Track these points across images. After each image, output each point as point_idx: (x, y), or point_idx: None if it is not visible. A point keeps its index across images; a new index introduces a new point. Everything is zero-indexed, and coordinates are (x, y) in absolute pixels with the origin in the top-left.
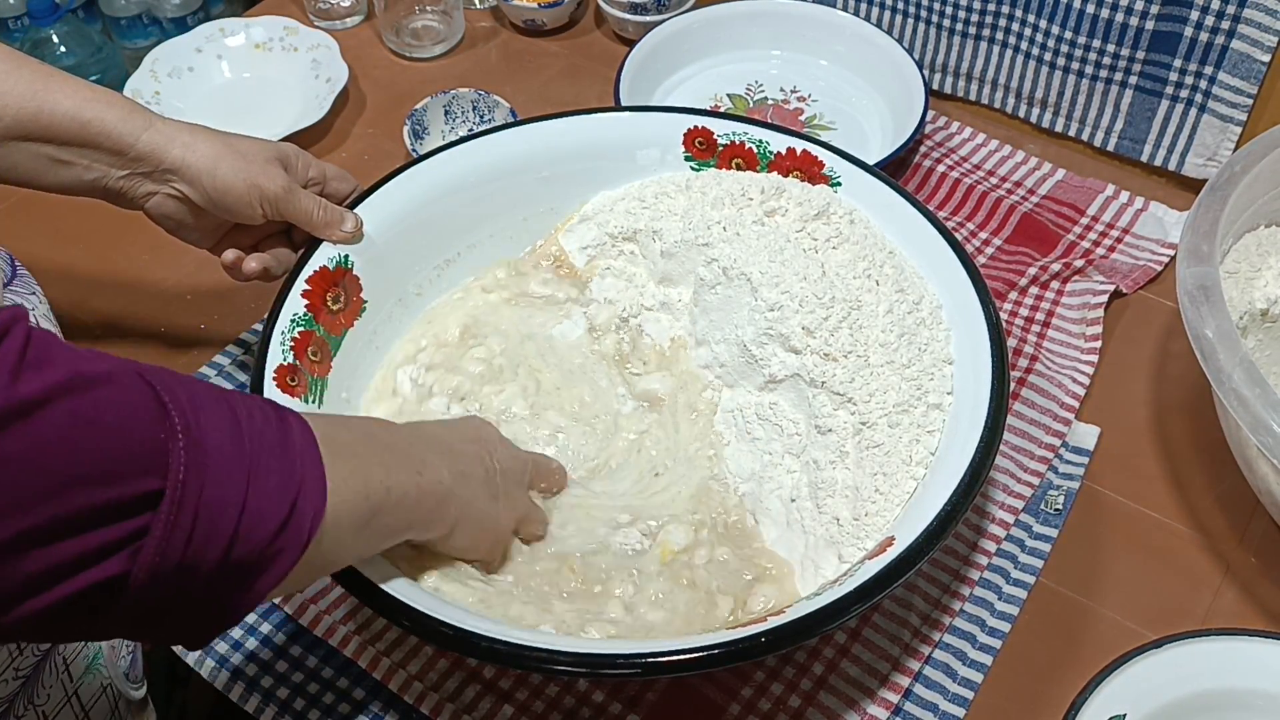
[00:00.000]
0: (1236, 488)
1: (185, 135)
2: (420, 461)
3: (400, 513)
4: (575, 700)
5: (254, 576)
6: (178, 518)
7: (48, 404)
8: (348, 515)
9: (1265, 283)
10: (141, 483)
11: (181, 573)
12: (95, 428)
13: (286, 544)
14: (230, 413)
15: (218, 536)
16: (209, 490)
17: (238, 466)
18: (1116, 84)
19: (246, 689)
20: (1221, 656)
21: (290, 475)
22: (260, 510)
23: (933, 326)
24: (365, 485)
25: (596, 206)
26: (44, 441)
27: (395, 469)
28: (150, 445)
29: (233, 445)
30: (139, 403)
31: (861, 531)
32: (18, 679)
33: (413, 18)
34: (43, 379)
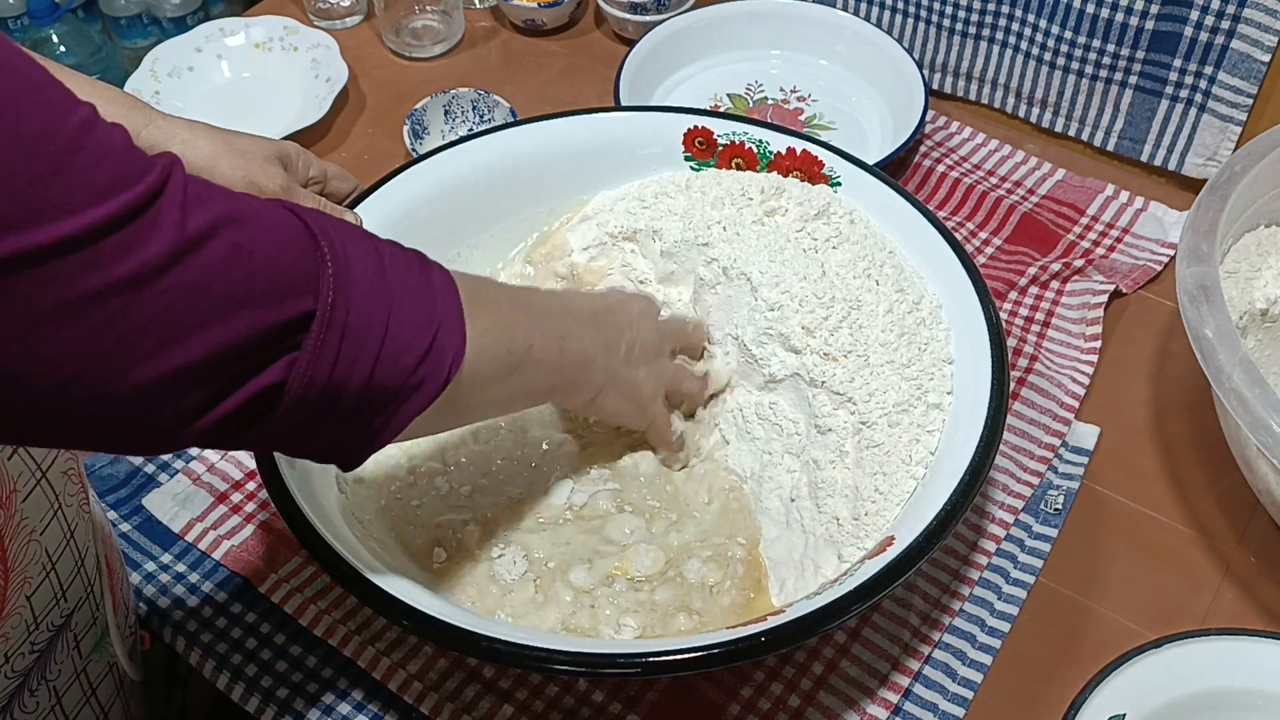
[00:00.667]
0: (1236, 487)
1: (185, 132)
2: (565, 329)
3: (543, 372)
4: (575, 700)
5: (397, 402)
6: (327, 335)
7: (214, 236)
8: (489, 363)
9: (1265, 282)
10: (296, 304)
11: (330, 389)
12: (256, 256)
13: (428, 375)
14: (375, 250)
15: (363, 357)
16: (354, 314)
17: (381, 295)
18: (1116, 84)
19: (246, 688)
20: (1221, 656)
21: (431, 313)
22: (401, 339)
23: (932, 326)
24: (508, 339)
25: (596, 206)
26: (213, 269)
27: (539, 331)
28: (303, 271)
29: (376, 277)
30: (292, 234)
31: (861, 531)
32: (34, 653)
33: (412, 17)
34: (207, 214)
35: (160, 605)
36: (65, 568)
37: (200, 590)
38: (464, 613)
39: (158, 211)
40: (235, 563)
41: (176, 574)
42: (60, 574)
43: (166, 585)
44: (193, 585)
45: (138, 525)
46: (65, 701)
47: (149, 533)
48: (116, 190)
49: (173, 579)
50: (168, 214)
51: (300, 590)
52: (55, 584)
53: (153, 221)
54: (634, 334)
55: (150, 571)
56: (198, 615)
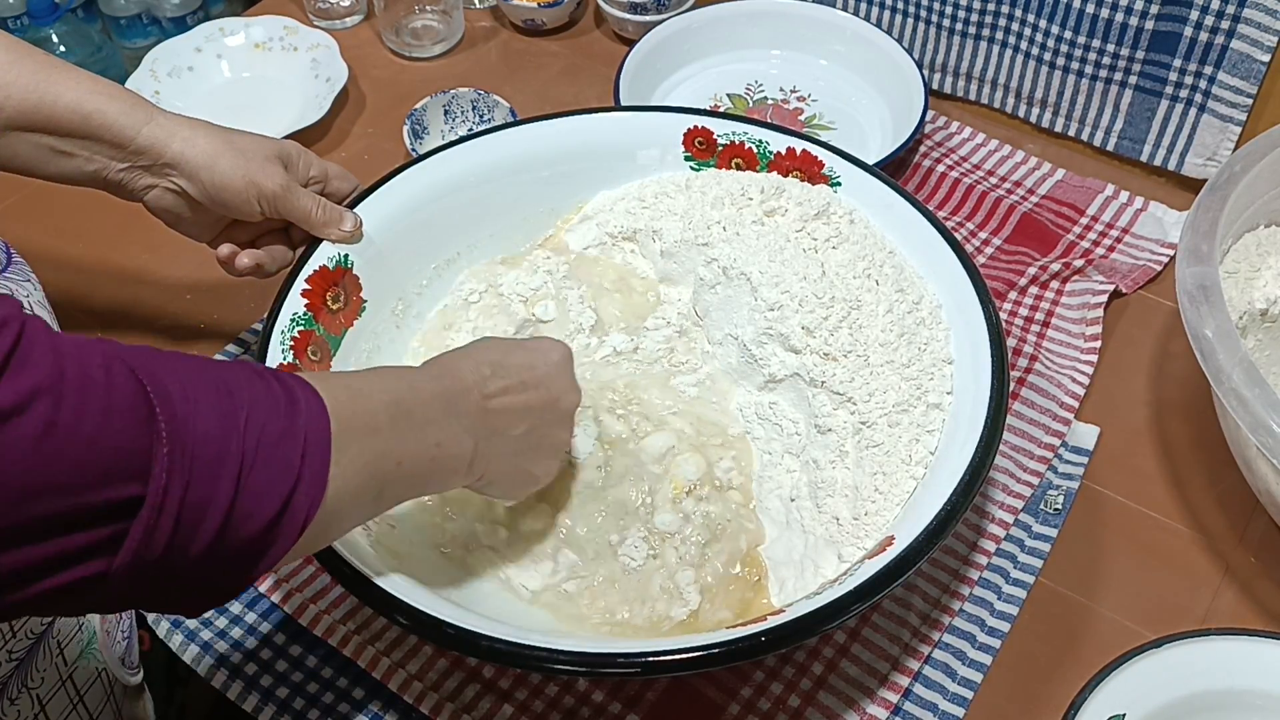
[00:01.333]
0: (1236, 487)
1: (186, 130)
2: (441, 432)
3: (411, 483)
4: (575, 700)
5: (244, 565)
6: (158, 522)
7: (25, 411)
8: (351, 495)
9: (1265, 282)
10: (122, 489)
11: (164, 567)
12: (75, 436)
13: (278, 536)
14: (228, 403)
15: (202, 536)
16: (192, 493)
17: (228, 466)
18: (1116, 84)
19: (245, 688)
20: (1221, 656)
21: (288, 469)
22: (250, 509)
23: (932, 326)
24: (375, 464)
25: (596, 206)
26: (22, 449)
27: (411, 442)
28: (132, 452)
29: (224, 442)
30: (124, 406)
31: (861, 531)
32: (11, 661)
33: (412, 17)
34: (20, 385)
35: None
36: None
37: None
38: (463, 612)
39: None
40: None
41: None
42: None
43: None
44: None
45: None
46: (50, 709)
47: None
48: None
49: None
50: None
51: (300, 590)
52: None
53: None
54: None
55: None
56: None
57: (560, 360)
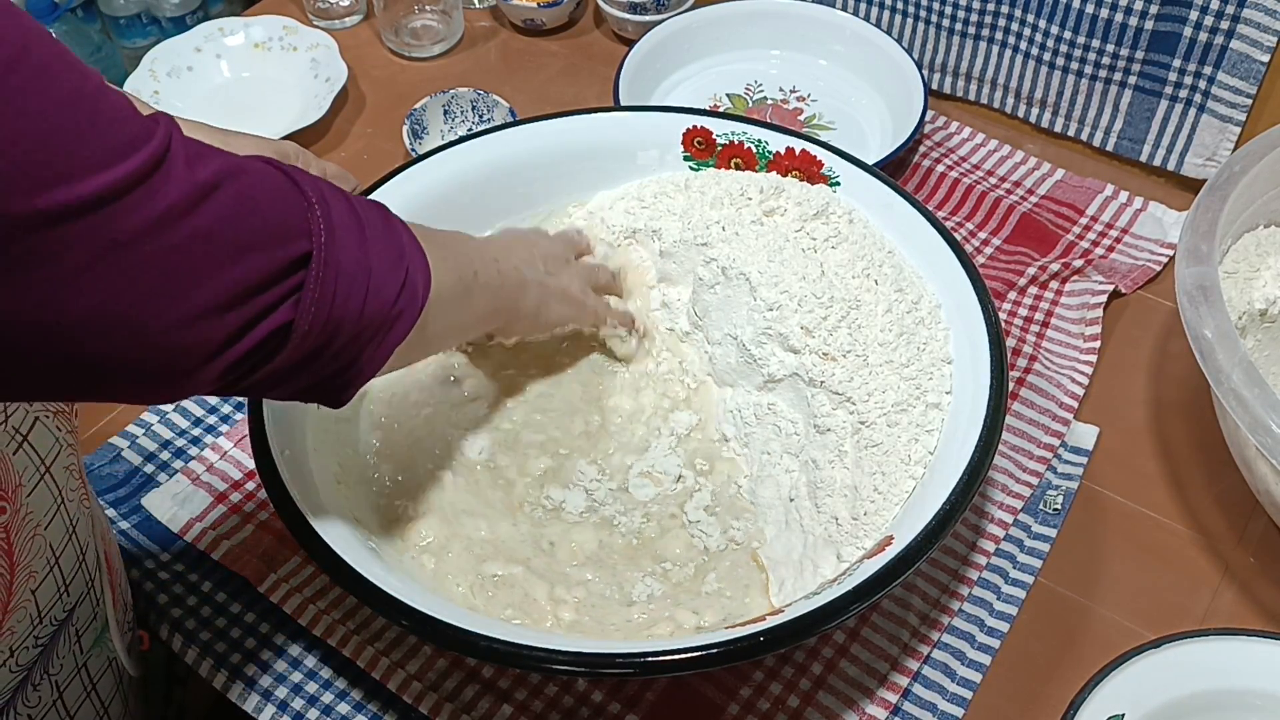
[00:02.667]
0: (1235, 488)
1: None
2: (494, 254)
3: (489, 294)
4: (574, 700)
5: (383, 333)
6: (324, 273)
7: (220, 186)
8: (449, 289)
9: (1264, 283)
10: (296, 245)
11: (330, 324)
12: (257, 203)
13: (405, 306)
14: (344, 196)
15: (355, 291)
16: (343, 253)
17: (360, 237)
18: (1116, 84)
19: (245, 687)
20: (1220, 656)
21: (400, 250)
22: (382, 274)
23: (931, 326)
24: (458, 268)
25: (596, 206)
26: (224, 215)
27: (477, 260)
28: (297, 215)
29: (353, 221)
30: (280, 183)
31: (860, 531)
32: (37, 647)
33: (412, 17)
34: (209, 167)
35: (159, 604)
36: (68, 562)
37: (199, 590)
38: (463, 612)
39: (169, 165)
40: (234, 562)
41: (175, 573)
42: (63, 568)
43: (165, 585)
44: (192, 585)
45: (137, 525)
46: (66, 696)
47: (148, 532)
48: (135, 147)
49: (171, 578)
50: (178, 167)
51: (299, 590)
52: (58, 578)
53: (166, 175)
54: (539, 249)
55: (149, 571)
56: (196, 614)
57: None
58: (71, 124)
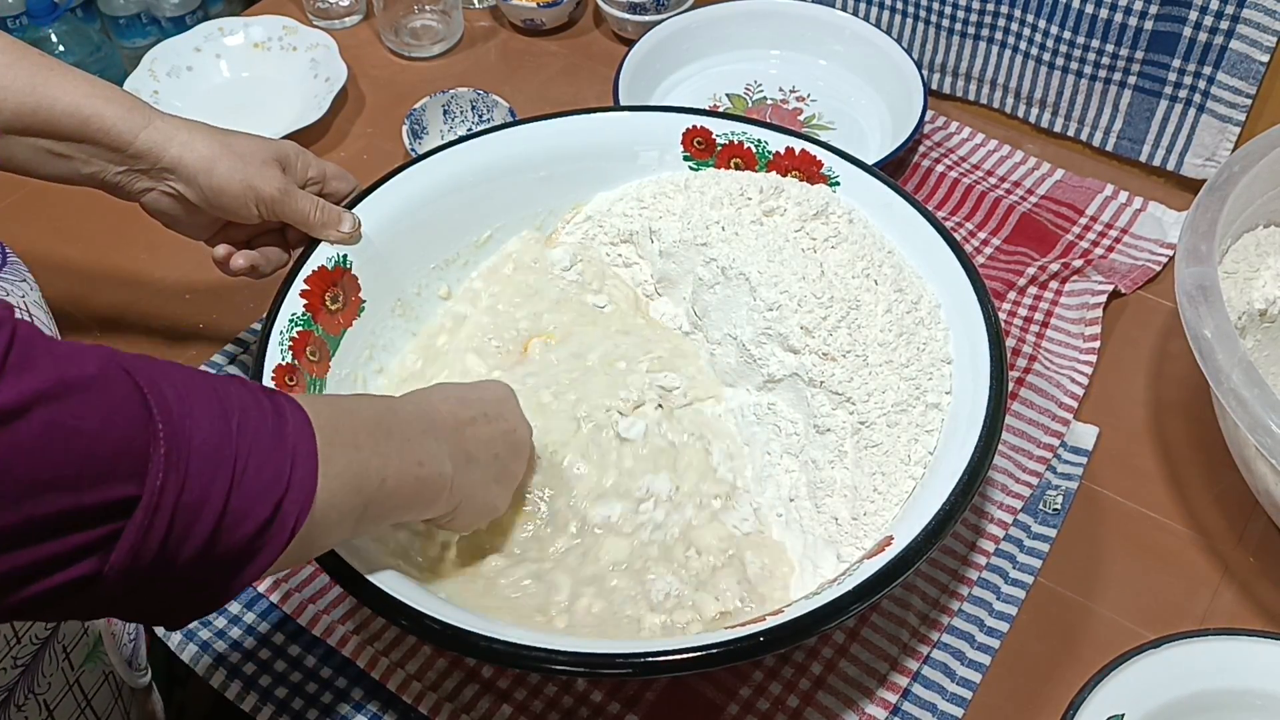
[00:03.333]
0: (1235, 488)
1: (183, 134)
2: (422, 452)
3: (394, 502)
4: (574, 700)
5: (233, 570)
6: (153, 523)
7: (27, 412)
8: (337, 508)
9: (1264, 283)
10: (118, 489)
11: (156, 569)
12: (74, 436)
13: (268, 541)
14: (221, 409)
15: (195, 538)
16: (188, 494)
17: (222, 469)
18: (1115, 84)
19: (244, 687)
20: (1220, 656)
21: (278, 475)
22: (242, 511)
23: (931, 326)
24: (360, 478)
25: (595, 206)
26: (21, 450)
27: (394, 459)
28: (129, 452)
29: (218, 446)
30: (121, 407)
31: (860, 531)
32: (17, 667)
33: (411, 17)
34: (23, 385)
35: None
36: None
37: None
38: (462, 613)
39: None
40: None
41: None
42: None
43: None
44: None
45: None
46: (58, 714)
47: None
48: None
49: None
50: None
51: (299, 589)
52: None
53: None
54: (501, 442)
55: None
56: None
57: (508, 396)
58: None
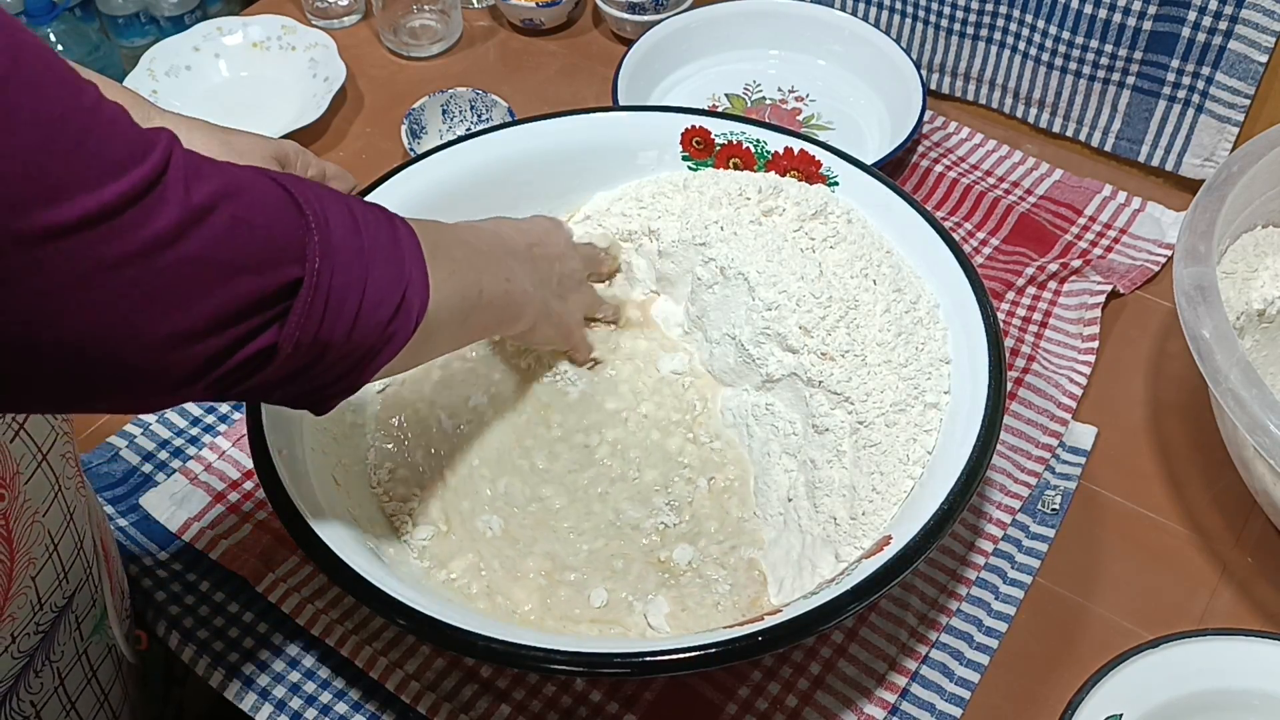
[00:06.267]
0: (1233, 488)
1: (183, 130)
2: (509, 269)
3: (490, 312)
4: (572, 700)
5: (371, 354)
6: (314, 299)
7: (215, 209)
8: (447, 311)
9: (1262, 283)
10: (287, 271)
11: (316, 346)
12: (252, 226)
13: (397, 329)
14: (350, 212)
15: (344, 316)
16: (337, 277)
17: (358, 259)
18: (1114, 84)
19: (243, 687)
20: (1218, 656)
21: (400, 271)
22: (376, 298)
23: (930, 326)
24: (463, 287)
25: (594, 206)
26: (216, 240)
27: (487, 275)
28: (292, 239)
29: (354, 240)
30: (279, 203)
31: (858, 531)
32: (38, 633)
33: (410, 17)
34: (207, 187)
35: (157, 603)
36: (66, 549)
37: (197, 589)
38: (461, 612)
39: (164, 187)
40: (232, 562)
41: (173, 572)
42: (62, 555)
43: (163, 583)
44: (189, 584)
45: (134, 524)
46: (68, 682)
47: (146, 532)
48: (128, 167)
49: (169, 577)
50: (173, 189)
51: (297, 589)
52: (57, 565)
53: (160, 197)
54: (562, 265)
55: (147, 569)
56: (194, 613)
57: (558, 224)
58: (62, 142)
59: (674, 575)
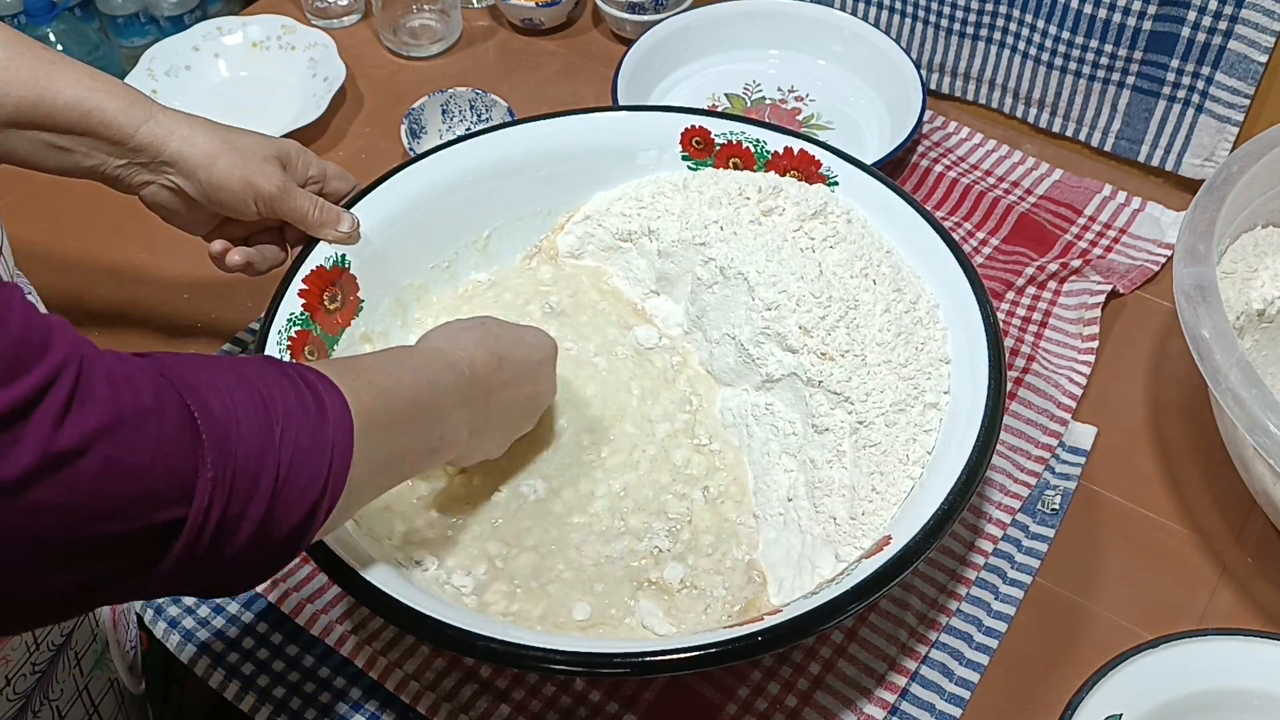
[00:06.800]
0: (1233, 488)
1: (185, 128)
2: (446, 427)
3: (407, 472)
4: (572, 700)
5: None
6: (199, 538)
7: (88, 450)
8: (359, 493)
9: (1262, 283)
10: (168, 512)
11: (201, 567)
12: (129, 470)
13: (302, 537)
14: (265, 417)
15: (236, 543)
16: (231, 509)
17: (263, 483)
18: (1114, 84)
19: (242, 687)
20: (1218, 656)
21: (315, 481)
22: (280, 517)
23: (929, 326)
24: (385, 461)
25: (594, 206)
26: (82, 486)
27: (420, 439)
28: (179, 477)
29: (260, 461)
30: (173, 435)
31: (858, 531)
32: (34, 673)
33: (410, 16)
34: (86, 423)
35: (156, 603)
36: None
37: None
38: (461, 612)
39: (28, 424)
40: None
41: None
42: None
43: None
44: None
45: None
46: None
47: None
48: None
49: None
50: (37, 428)
51: (296, 589)
52: None
53: (18, 435)
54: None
55: None
56: (194, 614)
57: (549, 358)
58: None
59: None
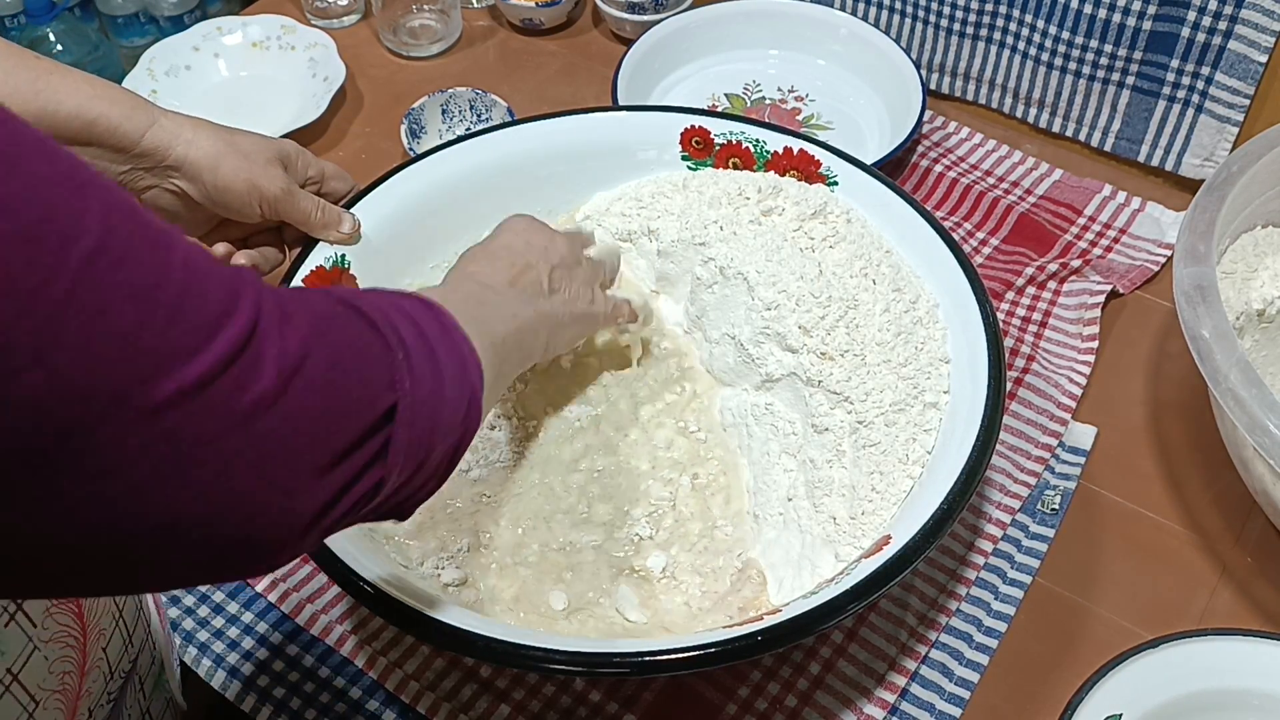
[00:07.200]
0: (1233, 488)
1: (188, 131)
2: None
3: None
4: (572, 699)
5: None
6: (413, 421)
7: (309, 356)
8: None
9: (1262, 283)
10: (382, 401)
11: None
12: (345, 368)
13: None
14: (410, 318)
15: (438, 427)
16: (422, 389)
17: (432, 364)
18: (1114, 84)
19: (243, 688)
20: (1218, 656)
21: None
22: (453, 404)
23: (929, 325)
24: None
25: (593, 206)
26: (314, 390)
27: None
28: (382, 370)
29: (422, 349)
30: (364, 336)
31: (858, 530)
32: (109, 702)
33: (410, 16)
34: (297, 334)
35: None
36: (130, 614)
37: (196, 590)
38: (460, 612)
39: (258, 342)
40: None
41: None
42: (127, 621)
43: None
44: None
45: None
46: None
47: None
48: (220, 327)
49: None
50: (266, 344)
51: (297, 589)
52: (124, 631)
53: (256, 356)
54: (546, 264)
55: None
56: (193, 614)
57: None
58: (159, 313)
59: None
